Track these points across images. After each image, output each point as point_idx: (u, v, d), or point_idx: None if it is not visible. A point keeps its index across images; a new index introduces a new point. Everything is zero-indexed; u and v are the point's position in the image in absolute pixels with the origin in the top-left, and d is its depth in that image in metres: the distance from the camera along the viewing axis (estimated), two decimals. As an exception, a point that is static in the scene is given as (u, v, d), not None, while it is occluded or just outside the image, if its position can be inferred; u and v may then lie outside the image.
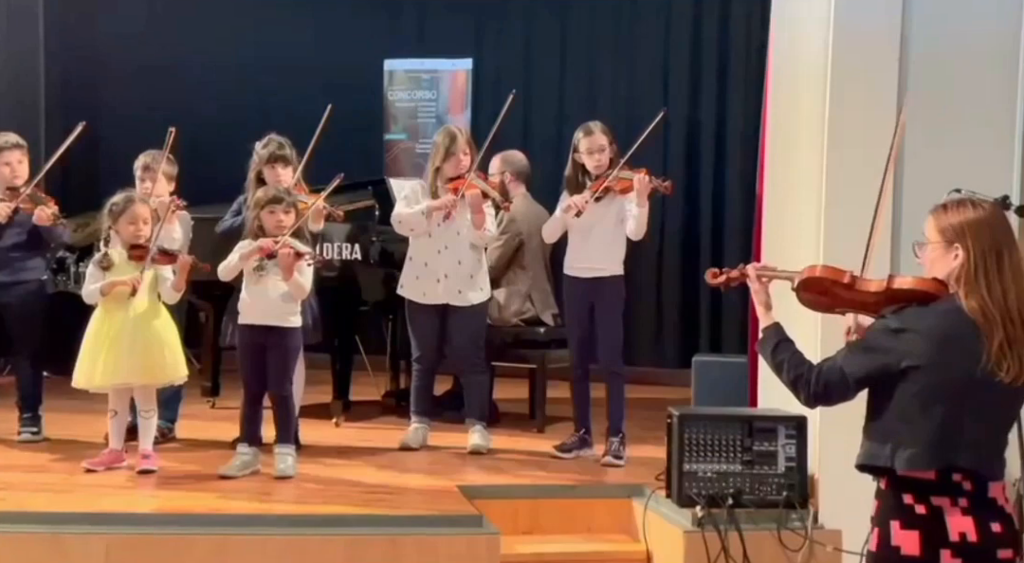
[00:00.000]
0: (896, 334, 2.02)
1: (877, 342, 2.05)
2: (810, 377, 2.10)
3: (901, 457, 1.99)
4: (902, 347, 2.00)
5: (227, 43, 6.28)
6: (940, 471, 1.98)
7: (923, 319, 2.02)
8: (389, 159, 6.38)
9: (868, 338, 2.09)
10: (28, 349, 3.88)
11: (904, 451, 1.99)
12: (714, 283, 2.45)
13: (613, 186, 3.67)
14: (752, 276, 2.31)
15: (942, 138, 3.00)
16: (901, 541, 1.98)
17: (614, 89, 6.08)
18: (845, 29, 3.02)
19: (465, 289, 3.86)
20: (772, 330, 2.22)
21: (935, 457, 1.98)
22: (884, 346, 2.03)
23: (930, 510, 1.98)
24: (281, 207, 3.41)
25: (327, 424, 4.28)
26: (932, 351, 1.98)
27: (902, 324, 2.03)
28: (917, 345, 1.99)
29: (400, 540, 2.88)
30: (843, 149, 3.02)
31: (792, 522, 2.92)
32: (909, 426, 1.99)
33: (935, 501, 1.98)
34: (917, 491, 1.99)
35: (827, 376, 2.09)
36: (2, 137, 3.90)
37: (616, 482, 3.46)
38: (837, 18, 3.02)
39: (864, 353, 2.07)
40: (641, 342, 5.75)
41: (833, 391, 2.10)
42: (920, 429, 1.99)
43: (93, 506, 2.98)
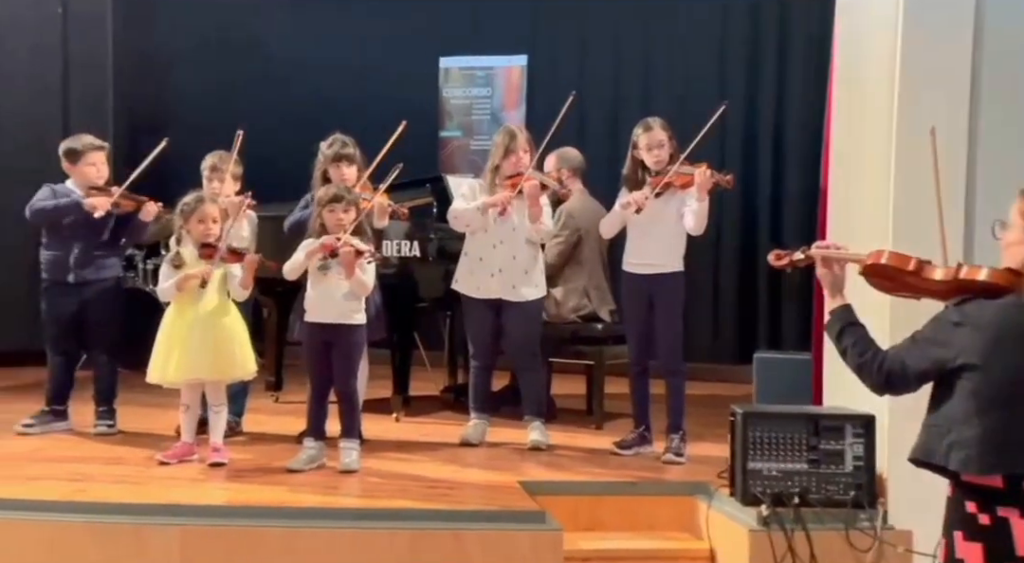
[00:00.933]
0: (954, 328, 1.94)
1: (935, 335, 1.98)
2: (873, 367, 2.04)
3: (955, 457, 1.90)
4: (958, 342, 1.93)
5: (287, 44, 6.39)
6: (1007, 479, 1.88)
7: (983, 313, 1.93)
8: (444, 156, 6.43)
9: (928, 330, 2.02)
10: (105, 345, 4.00)
11: (959, 452, 1.90)
12: (778, 265, 2.41)
13: (673, 181, 3.65)
14: (817, 258, 2.25)
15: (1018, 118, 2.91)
16: (965, 554, 1.90)
17: (670, 84, 6.04)
18: (915, 14, 2.96)
19: (519, 285, 3.88)
20: (839, 312, 2.15)
21: (991, 461, 1.88)
22: (941, 340, 1.96)
23: (995, 521, 1.88)
24: (341, 206, 3.47)
25: (387, 419, 4.34)
26: (987, 348, 1.90)
27: (961, 318, 1.95)
28: (972, 341, 1.91)
29: (464, 535, 2.90)
30: (912, 139, 2.96)
31: (860, 522, 2.88)
32: (965, 425, 1.90)
33: (1001, 512, 1.88)
34: (982, 499, 1.89)
35: (889, 366, 2.02)
36: (85, 139, 4.03)
37: (677, 479, 3.45)
38: (907, 3, 2.96)
39: (923, 346, 1.99)
40: (698, 338, 5.71)
41: (895, 382, 2.03)
42: (976, 430, 1.89)
43: (168, 498, 3.07)
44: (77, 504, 2.97)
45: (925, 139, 2.92)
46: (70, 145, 4.00)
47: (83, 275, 3.93)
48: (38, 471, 3.33)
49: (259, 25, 6.45)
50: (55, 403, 4.01)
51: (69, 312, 3.95)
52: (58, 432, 3.96)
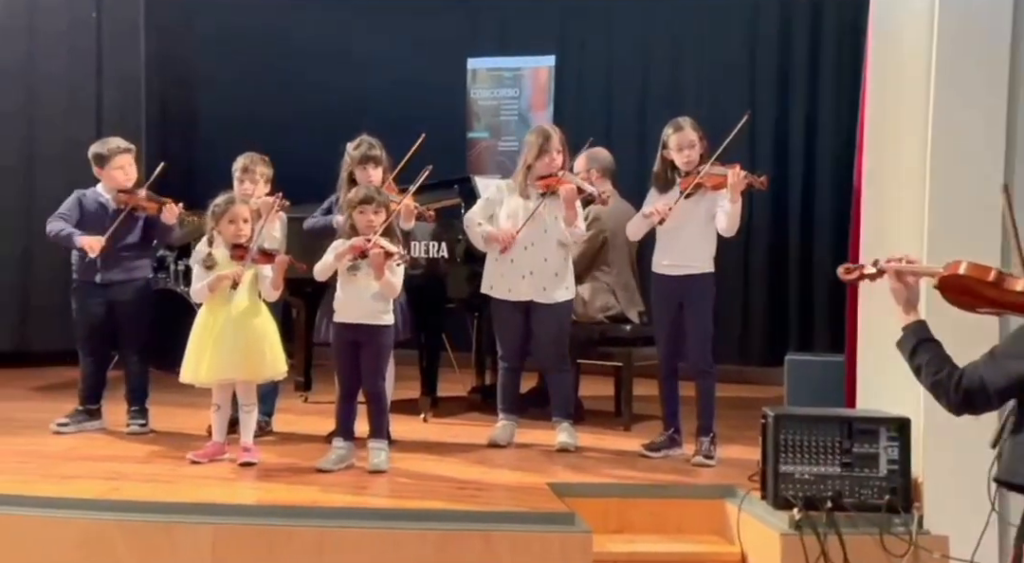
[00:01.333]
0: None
1: (1017, 349, 1.90)
2: (949, 385, 1.95)
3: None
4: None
5: (315, 47, 6.44)
6: None
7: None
8: (472, 157, 6.44)
9: (1008, 344, 1.94)
10: (135, 345, 4.04)
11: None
12: (847, 279, 2.33)
13: (704, 182, 3.62)
14: (891, 272, 2.17)
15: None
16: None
17: (698, 84, 6.01)
18: (951, 16, 2.91)
19: (550, 287, 3.87)
20: (912, 328, 2.07)
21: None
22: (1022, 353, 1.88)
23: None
24: (372, 207, 3.48)
25: (415, 419, 4.35)
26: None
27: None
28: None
29: (493, 536, 2.90)
30: (949, 142, 2.91)
31: (895, 527, 2.83)
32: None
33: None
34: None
35: (967, 384, 1.93)
36: (113, 142, 4.07)
37: (707, 482, 3.42)
38: (943, 4, 2.91)
39: (1004, 361, 1.91)
40: (728, 340, 5.66)
41: (975, 401, 1.94)
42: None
43: (199, 497, 3.09)
44: (111, 502, 3.00)
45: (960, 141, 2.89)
46: (97, 150, 4.04)
47: (110, 276, 3.97)
48: (72, 470, 3.37)
49: (288, 28, 6.51)
50: (88, 403, 4.06)
51: (98, 312, 4.00)
52: (91, 431, 4.01)
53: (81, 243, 3.89)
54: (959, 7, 2.92)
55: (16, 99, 5.80)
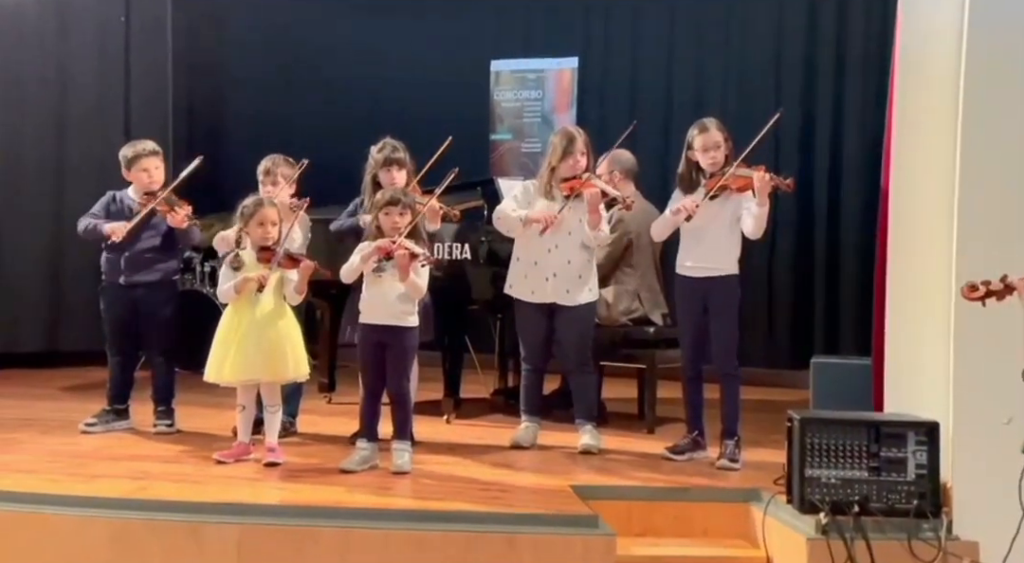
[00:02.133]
0: None
1: None
2: None
3: None
4: None
5: (340, 47, 6.48)
6: None
7: None
8: (495, 159, 6.44)
9: None
10: (160, 346, 4.08)
11: None
12: (973, 297, 2.28)
13: (729, 184, 3.60)
14: (1021, 287, 2.15)
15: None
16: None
17: (724, 85, 5.97)
18: (980, 17, 2.87)
19: (573, 289, 3.86)
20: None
21: None
22: None
23: None
24: (397, 209, 3.49)
25: (438, 421, 4.35)
26: None
27: None
28: None
29: (517, 539, 2.90)
30: (977, 142, 2.88)
31: (924, 532, 2.80)
32: None
33: None
34: None
35: None
36: (140, 144, 4.11)
37: (732, 486, 3.40)
38: (972, 5, 2.88)
39: None
40: (753, 343, 5.62)
41: None
42: None
43: (225, 496, 3.11)
44: (138, 501, 3.04)
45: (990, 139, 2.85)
46: (123, 152, 4.09)
47: (135, 277, 4.01)
48: (100, 469, 3.41)
49: (314, 30, 6.55)
50: (116, 403, 4.10)
51: (124, 313, 4.04)
52: (119, 431, 4.05)
53: (105, 230, 3.94)
54: (989, 8, 2.88)
55: (47, 102, 5.89)
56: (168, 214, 3.97)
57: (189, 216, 3.98)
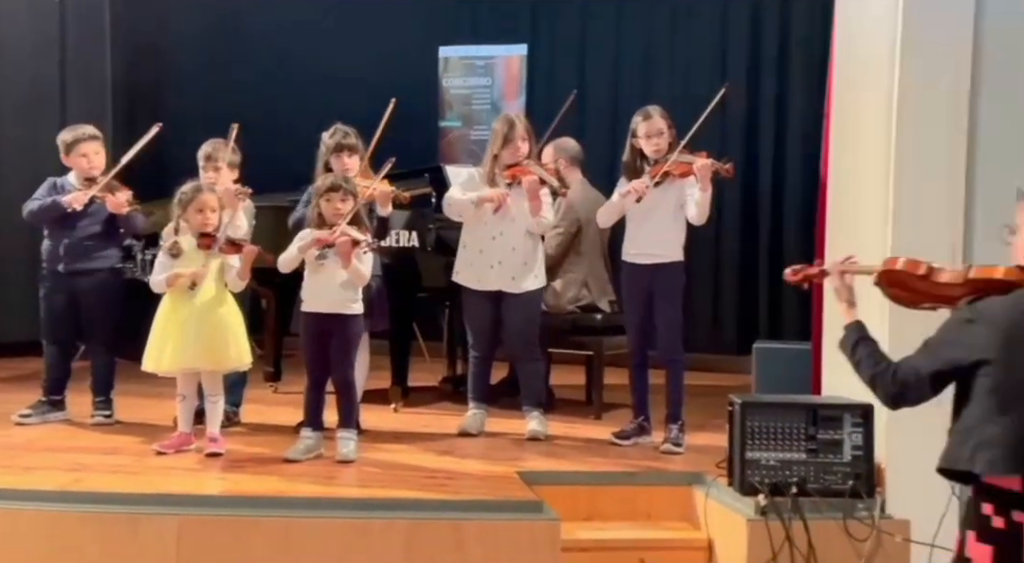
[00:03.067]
0: (967, 325, 1.92)
1: (948, 336, 1.95)
2: (887, 377, 2.01)
3: (981, 460, 1.86)
4: (971, 339, 1.90)
5: (287, 32, 6.36)
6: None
7: (995, 309, 1.90)
8: (444, 146, 6.41)
9: (940, 333, 1.98)
10: (102, 335, 3.99)
11: (984, 453, 1.86)
12: (793, 280, 2.40)
13: (672, 170, 3.63)
14: (834, 273, 2.25)
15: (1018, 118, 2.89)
16: (975, 554, 1.88)
17: (671, 74, 6.01)
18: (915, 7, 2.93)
19: (518, 276, 3.87)
20: (853, 328, 2.14)
21: (1016, 462, 1.83)
22: (954, 340, 1.93)
23: (1009, 525, 1.85)
24: (338, 195, 3.45)
25: (386, 409, 4.33)
26: (1002, 343, 1.87)
27: (973, 315, 1.92)
28: (986, 337, 1.88)
29: (462, 525, 2.90)
30: (912, 132, 2.94)
31: (859, 512, 2.87)
32: (988, 426, 1.86)
33: (1016, 516, 1.84)
34: (999, 502, 1.86)
35: (903, 375, 1.99)
36: (79, 129, 4.01)
37: (676, 469, 3.44)
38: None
39: (936, 349, 1.96)
40: (699, 329, 5.69)
41: (910, 391, 1.99)
42: (999, 429, 1.85)
43: (165, 487, 3.06)
44: (74, 494, 2.97)
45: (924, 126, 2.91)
46: (62, 136, 3.98)
47: (75, 265, 3.92)
48: (35, 461, 3.32)
49: (260, 13, 6.42)
50: (52, 394, 4.00)
51: (63, 302, 3.94)
52: (55, 422, 3.96)
53: (66, 201, 3.83)
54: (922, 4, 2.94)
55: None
56: (108, 199, 3.87)
57: (129, 201, 3.88)
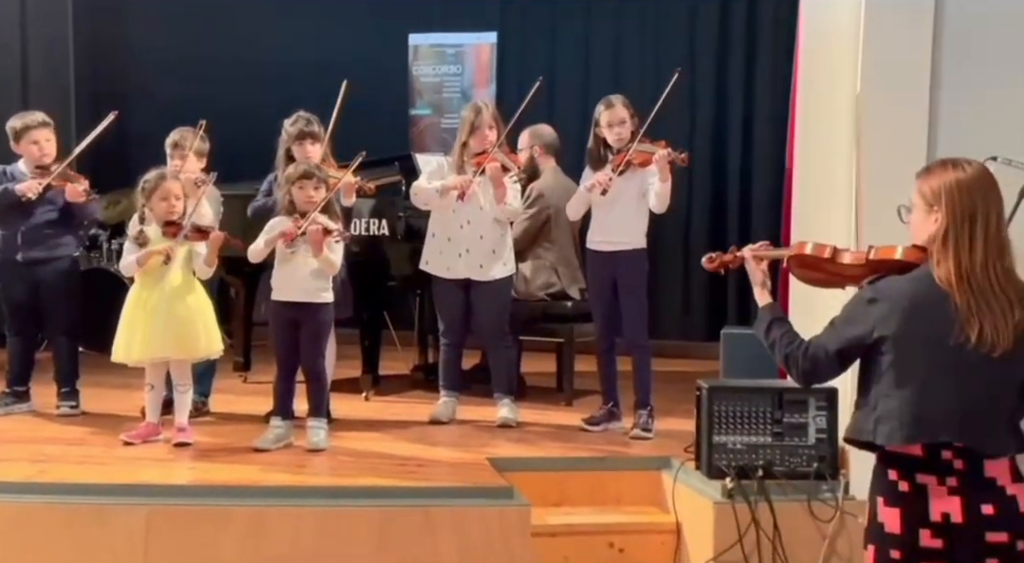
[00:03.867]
0: (869, 304, 1.99)
1: (852, 313, 2.03)
2: (798, 355, 2.09)
3: (881, 431, 1.95)
4: (873, 317, 1.97)
5: (253, 21, 6.30)
6: (927, 447, 1.92)
7: (895, 287, 1.98)
8: (414, 134, 6.39)
9: (844, 312, 2.07)
10: (63, 325, 3.94)
11: (884, 425, 1.95)
12: (710, 268, 2.47)
13: (633, 159, 3.65)
14: (748, 257, 2.32)
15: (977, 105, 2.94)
16: (885, 518, 1.95)
17: (641, 61, 6.03)
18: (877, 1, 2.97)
19: (487, 264, 3.87)
20: (767, 310, 2.22)
21: (913, 432, 1.92)
22: (857, 317, 2.01)
23: (913, 488, 1.93)
24: (311, 183, 3.44)
25: (357, 398, 4.33)
26: (900, 319, 1.94)
27: (875, 294, 1.99)
28: (887, 314, 1.95)
29: (433, 511, 2.91)
30: (875, 118, 2.98)
31: (823, 493, 2.92)
32: (887, 399, 1.95)
33: (920, 479, 1.93)
34: (902, 467, 1.95)
35: (813, 352, 2.07)
36: (29, 116, 3.94)
37: (645, 454, 3.47)
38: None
39: (841, 327, 2.04)
40: (668, 315, 5.74)
41: (820, 368, 2.07)
42: (897, 402, 1.94)
43: (132, 478, 3.04)
44: (39, 485, 2.94)
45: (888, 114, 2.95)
46: (11, 123, 3.91)
47: (33, 254, 3.86)
48: (0, 453, 3.28)
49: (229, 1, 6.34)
50: (16, 385, 3.95)
51: (23, 292, 3.89)
52: (20, 414, 3.90)
53: (18, 189, 3.77)
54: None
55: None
56: (65, 187, 3.81)
57: (87, 191, 3.83)
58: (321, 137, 3.81)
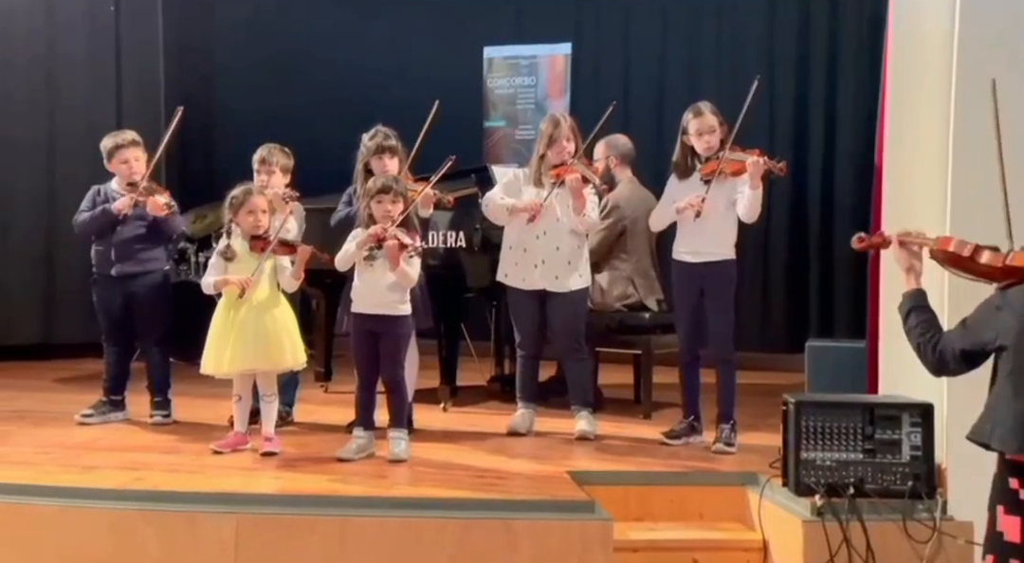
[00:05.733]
0: (996, 311, 2.03)
1: (980, 317, 2.08)
2: (929, 347, 2.14)
3: (996, 436, 1.99)
4: (998, 325, 2.01)
5: (334, 36, 6.45)
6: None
7: (1020, 297, 2.01)
8: (489, 146, 6.42)
9: (975, 312, 2.11)
10: (156, 336, 4.08)
11: (999, 430, 1.99)
12: (859, 247, 2.57)
13: (724, 168, 3.59)
14: (895, 241, 2.39)
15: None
16: (1005, 527, 1.96)
17: (717, 70, 5.96)
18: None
19: (563, 275, 3.86)
20: (910, 296, 2.27)
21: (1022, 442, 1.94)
22: (983, 323, 2.06)
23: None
24: (389, 197, 3.48)
25: (435, 409, 4.36)
26: (1018, 330, 1.97)
27: (1002, 302, 2.04)
28: (1009, 323, 1.99)
29: (514, 524, 2.90)
30: (970, 121, 2.86)
31: (919, 513, 2.81)
32: (1005, 406, 1.99)
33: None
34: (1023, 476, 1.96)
35: (942, 347, 2.12)
36: (120, 135, 4.09)
37: (728, 469, 3.40)
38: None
39: (969, 328, 2.09)
40: (748, 327, 5.63)
41: (946, 363, 2.13)
42: (1011, 409, 1.97)
43: (222, 486, 3.11)
44: (134, 492, 3.04)
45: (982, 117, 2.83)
46: (104, 143, 4.07)
47: (125, 268, 4.00)
48: (96, 460, 3.40)
49: (307, 16, 6.52)
50: (112, 394, 4.10)
51: (116, 305, 4.03)
52: (115, 422, 4.05)
53: (115, 208, 3.94)
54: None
55: (36, 85, 5.81)
56: (148, 202, 3.94)
57: (168, 204, 3.96)
58: (399, 151, 3.86)
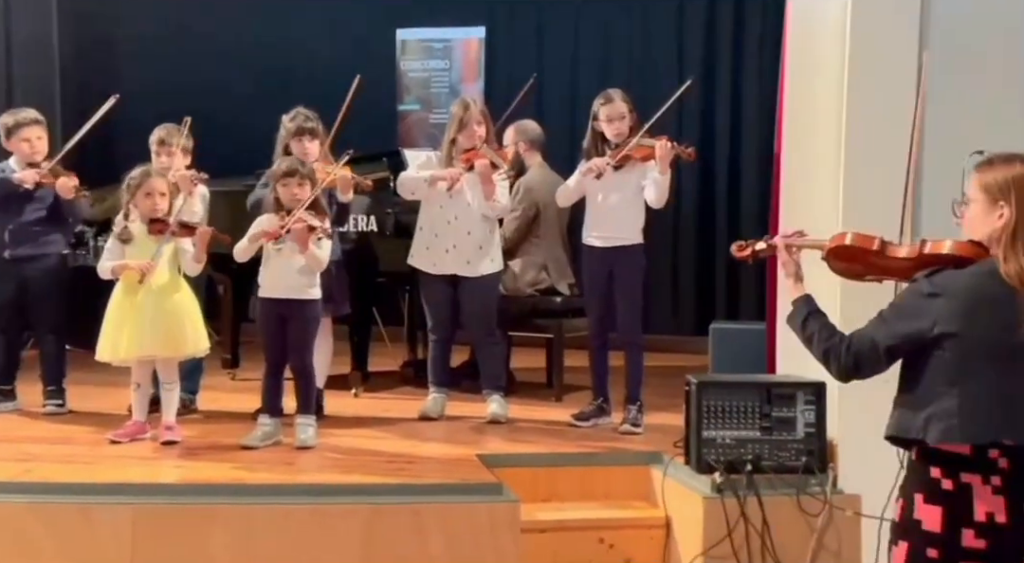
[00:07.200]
0: (928, 298, 1.91)
1: (907, 308, 1.95)
2: (840, 349, 1.99)
3: (935, 429, 1.89)
4: (934, 312, 1.90)
5: (241, 16, 6.26)
6: (975, 446, 1.88)
7: (956, 282, 1.91)
8: (403, 130, 6.36)
9: (898, 305, 1.99)
10: (50, 323, 3.92)
11: (938, 423, 1.88)
12: (740, 256, 2.40)
13: (633, 153, 3.64)
14: (781, 247, 2.24)
15: (962, 99, 2.95)
16: (923, 515, 1.91)
17: (629, 56, 6.02)
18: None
19: (474, 260, 3.86)
20: (802, 302, 2.12)
21: (971, 431, 1.87)
22: (915, 312, 1.93)
23: (957, 486, 1.89)
24: (295, 180, 3.42)
25: (346, 395, 4.31)
26: (964, 316, 1.88)
27: (935, 288, 1.92)
28: (949, 310, 1.89)
29: (422, 508, 2.91)
30: (862, 113, 2.98)
31: (811, 487, 2.92)
32: (944, 397, 1.89)
33: (964, 478, 1.89)
34: (946, 465, 1.90)
35: (857, 347, 1.98)
36: (21, 113, 3.91)
37: (634, 449, 3.48)
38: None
39: (895, 320, 1.96)
40: (657, 310, 5.74)
41: (864, 363, 1.98)
42: (955, 400, 1.88)
43: (119, 477, 3.02)
44: (23, 484, 2.92)
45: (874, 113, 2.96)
46: (2, 120, 3.89)
47: (20, 251, 3.84)
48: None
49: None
50: (1, 383, 3.92)
51: (10, 289, 3.86)
52: (5, 413, 3.87)
53: (16, 178, 3.76)
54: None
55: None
56: (55, 185, 3.78)
57: (77, 187, 3.80)
58: (319, 133, 3.79)
